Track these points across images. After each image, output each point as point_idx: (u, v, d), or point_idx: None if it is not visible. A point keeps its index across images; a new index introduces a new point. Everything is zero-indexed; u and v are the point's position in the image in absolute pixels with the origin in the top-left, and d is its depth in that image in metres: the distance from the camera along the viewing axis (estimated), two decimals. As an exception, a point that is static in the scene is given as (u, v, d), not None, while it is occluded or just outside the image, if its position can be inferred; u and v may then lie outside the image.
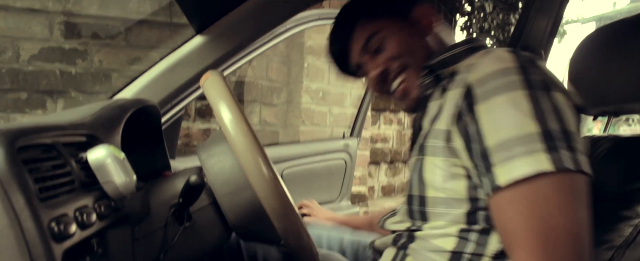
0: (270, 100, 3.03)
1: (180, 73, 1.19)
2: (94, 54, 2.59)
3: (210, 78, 0.82)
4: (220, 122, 0.78)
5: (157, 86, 1.18)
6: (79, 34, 2.56)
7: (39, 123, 0.66)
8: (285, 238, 0.82)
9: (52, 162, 0.63)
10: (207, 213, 0.89)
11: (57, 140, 0.67)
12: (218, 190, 0.88)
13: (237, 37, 1.19)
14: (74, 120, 0.76)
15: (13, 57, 2.45)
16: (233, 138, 0.76)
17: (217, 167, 0.89)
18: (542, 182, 0.67)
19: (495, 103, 0.71)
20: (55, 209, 0.58)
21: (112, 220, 0.70)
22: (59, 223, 0.56)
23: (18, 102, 2.47)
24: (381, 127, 3.65)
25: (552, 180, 0.67)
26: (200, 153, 0.92)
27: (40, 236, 0.53)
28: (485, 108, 0.72)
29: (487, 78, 0.74)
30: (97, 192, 0.68)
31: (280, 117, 3.08)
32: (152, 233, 0.83)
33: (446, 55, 0.92)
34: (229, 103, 0.78)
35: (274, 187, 0.76)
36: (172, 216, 0.85)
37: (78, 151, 0.70)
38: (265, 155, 0.79)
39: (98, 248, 0.70)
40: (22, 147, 0.58)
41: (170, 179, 0.90)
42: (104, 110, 0.84)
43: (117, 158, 0.68)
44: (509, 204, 0.69)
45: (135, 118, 0.91)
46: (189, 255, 0.89)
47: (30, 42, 2.48)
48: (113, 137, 0.79)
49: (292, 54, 3.06)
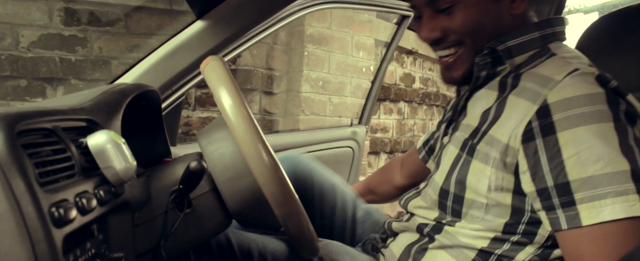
0: (270, 88, 3.02)
1: (181, 59, 1.18)
2: (93, 41, 2.58)
3: (211, 64, 0.82)
4: (220, 108, 0.77)
5: (158, 71, 1.18)
6: (79, 20, 2.54)
7: (38, 108, 0.66)
8: (285, 224, 0.82)
9: (52, 147, 0.63)
10: (207, 200, 0.89)
11: (57, 124, 0.66)
12: (218, 177, 0.87)
13: (238, 22, 1.18)
14: (74, 104, 0.76)
15: (12, 43, 2.44)
16: (233, 124, 0.76)
17: (217, 153, 0.88)
18: (630, 225, 0.62)
19: (581, 134, 0.65)
20: (56, 194, 0.57)
21: (112, 206, 0.70)
22: (59, 208, 0.56)
23: (17, 89, 2.46)
24: (381, 117, 3.64)
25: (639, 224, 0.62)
26: (200, 140, 0.92)
27: (40, 221, 0.53)
28: (570, 138, 0.66)
29: (571, 102, 0.67)
30: (97, 177, 0.67)
31: (280, 106, 3.08)
32: (153, 219, 0.83)
33: (515, 42, 0.83)
34: (229, 88, 0.78)
35: (275, 173, 0.76)
36: (173, 203, 0.85)
37: (78, 136, 0.69)
38: (266, 141, 0.78)
39: (98, 233, 0.70)
40: (21, 131, 0.58)
41: (171, 165, 0.90)
42: (104, 95, 0.83)
43: (117, 144, 0.68)
44: (590, 241, 0.65)
45: (136, 104, 0.90)
46: (189, 242, 0.89)
47: (30, 29, 2.46)
48: (113, 122, 0.79)
49: (292, 43, 3.05)
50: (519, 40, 0.83)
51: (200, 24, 1.19)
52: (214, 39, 1.19)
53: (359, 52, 3.19)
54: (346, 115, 3.17)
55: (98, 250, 0.68)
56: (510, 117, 0.75)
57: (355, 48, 3.18)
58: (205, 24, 1.19)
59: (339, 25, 3.08)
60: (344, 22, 3.11)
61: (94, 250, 0.67)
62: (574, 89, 0.69)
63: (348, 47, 3.14)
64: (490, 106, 0.81)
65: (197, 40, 1.18)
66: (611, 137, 0.65)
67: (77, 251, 0.63)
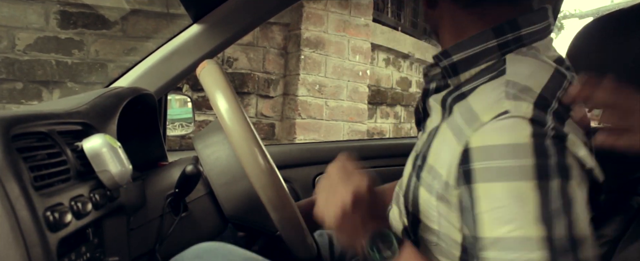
0: (266, 92, 3.02)
1: (177, 62, 1.18)
2: (90, 44, 2.58)
3: (207, 67, 0.82)
4: (216, 111, 0.77)
5: (154, 75, 1.17)
6: (75, 23, 2.54)
7: (34, 112, 0.66)
8: (281, 228, 0.81)
9: (47, 151, 0.63)
10: (203, 204, 0.89)
11: (53, 128, 0.66)
12: (214, 180, 0.87)
13: (234, 26, 1.18)
14: (69, 108, 0.75)
15: (9, 46, 2.44)
16: (229, 128, 0.76)
17: (213, 157, 0.88)
18: None
19: (496, 191, 0.59)
20: (51, 198, 0.57)
21: (107, 210, 0.70)
22: (54, 213, 0.56)
23: (13, 92, 2.45)
24: (378, 121, 3.65)
25: None
26: (196, 143, 0.92)
27: (35, 225, 0.53)
28: (484, 193, 0.60)
29: (492, 152, 0.60)
30: (92, 181, 0.67)
31: (277, 110, 3.08)
32: (148, 223, 0.83)
33: (463, 56, 0.71)
34: (225, 92, 0.78)
35: (270, 177, 0.76)
36: (168, 207, 0.85)
37: (73, 140, 0.69)
38: (262, 145, 0.78)
39: (94, 237, 0.69)
40: (17, 134, 0.58)
41: (166, 169, 0.90)
42: (100, 98, 0.83)
43: (112, 148, 0.68)
44: None
45: (132, 107, 0.90)
46: (185, 245, 0.88)
47: (26, 32, 2.46)
48: (109, 126, 0.79)
49: (288, 46, 3.05)
50: (468, 52, 0.71)
51: (196, 28, 1.19)
52: (210, 43, 1.19)
53: (355, 56, 3.20)
54: (342, 119, 3.17)
55: (93, 254, 0.68)
56: (443, 150, 0.68)
57: (351, 52, 3.18)
58: (202, 27, 1.19)
59: (336, 29, 3.09)
60: (341, 25, 3.11)
61: (89, 253, 0.67)
62: (498, 136, 0.60)
63: (344, 50, 3.15)
64: (437, 125, 0.73)
65: (193, 44, 1.18)
66: (528, 198, 0.58)
67: (72, 255, 0.62)
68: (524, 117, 0.60)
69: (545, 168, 0.58)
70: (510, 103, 0.62)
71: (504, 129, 0.60)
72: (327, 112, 3.11)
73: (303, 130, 2.99)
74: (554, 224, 0.57)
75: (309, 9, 2.97)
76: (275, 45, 3.03)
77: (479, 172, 0.60)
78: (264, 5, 1.17)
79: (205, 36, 1.19)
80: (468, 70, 0.72)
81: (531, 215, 0.57)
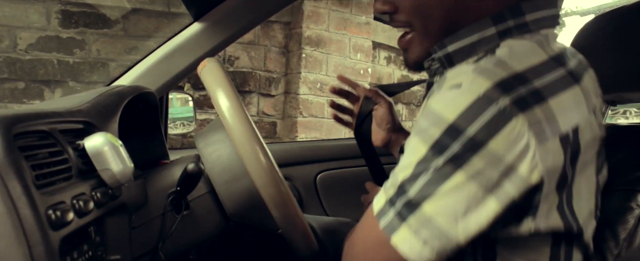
0: (268, 91, 3.02)
1: (178, 61, 1.18)
2: (91, 43, 2.58)
3: (208, 66, 0.82)
4: (217, 110, 0.77)
5: (155, 74, 1.18)
6: (77, 22, 2.54)
7: (35, 110, 0.66)
8: (282, 226, 0.82)
9: (49, 149, 0.63)
10: (204, 202, 0.89)
11: (54, 127, 0.66)
12: (216, 179, 0.87)
13: (235, 24, 1.18)
14: (71, 107, 0.76)
15: (10, 45, 2.44)
16: (230, 126, 0.76)
17: (214, 155, 0.88)
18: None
19: (409, 143, 0.64)
20: (53, 196, 0.57)
21: (109, 208, 0.70)
22: (56, 211, 0.56)
23: (15, 91, 2.46)
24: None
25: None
26: (197, 141, 0.92)
27: (37, 223, 0.53)
28: (407, 144, 0.65)
29: (425, 113, 0.63)
30: (94, 179, 0.67)
31: (278, 108, 3.08)
32: (150, 221, 0.83)
33: (458, 47, 0.69)
34: (226, 90, 0.78)
35: (271, 175, 0.76)
36: (170, 205, 0.85)
37: (75, 138, 0.69)
38: (263, 143, 0.78)
39: (95, 236, 0.69)
40: (18, 133, 0.58)
41: (168, 167, 0.90)
42: (101, 97, 0.83)
43: (114, 146, 0.68)
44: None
45: (133, 106, 0.90)
46: (187, 244, 0.89)
47: (28, 31, 2.46)
48: (110, 124, 0.79)
49: (289, 45, 3.05)
50: (464, 42, 0.69)
51: (197, 26, 1.19)
52: (211, 41, 1.19)
53: (356, 54, 3.20)
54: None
55: (95, 253, 0.68)
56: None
57: (352, 50, 3.18)
58: (203, 26, 1.19)
59: (337, 28, 3.09)
60: (342, 24, 3.11)
61: (91, 252, 0.67)
62: (435, 103, 0.61)
63: (346, 49, 3.15)
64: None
65: (194, 42, 1.18)
66: (419, 152, 0.61)
67: (74, 254, 0.62)
68: (475, 91, 0.58)
69: (443, 147, 0.58)
70: (471, 76, 0.60)
71: (446, 99, 0.60)
72: (328, 111, 3.11)
73: (304, 128, 2.99)
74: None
75: (309, 7, 2.97)
76: (276, 43, 3.03)
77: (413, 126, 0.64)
78: (264, 4, 1.18)
79: (206, 35, 1.19)
80: (465, 60, 0.69)
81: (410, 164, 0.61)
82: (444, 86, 0.62)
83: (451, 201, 0.59)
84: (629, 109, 5.36)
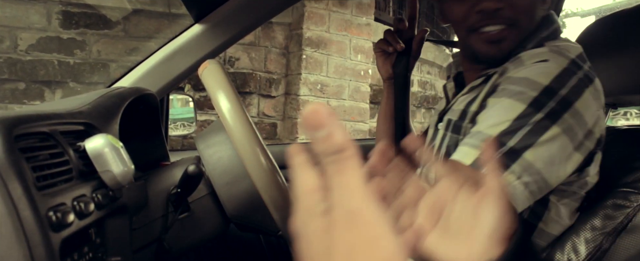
0: (268, 92, 3.02)
1: (179, 62, 1.18)
2: (92, 44, 2.58)
3: (209, 67, 0.82)
4: (218, 111, 0.77)
5: (156, 75, 1.17)
6: (77, 23, 2.54)
7: (36, 112, 0.66)
8: (283, 228, 0.82)
9: (49, 151, 0.62)
10: (205, 203, 0.89)
11: (55, 128, 0.66)
12: (216, 180, 0.87)
13: (236, 26, 1.18)
14: (71, 108, 0.76)
15: (11, 46, 2.44)
16: (231, 127, 0.76)
17: (215, 156, 0.88)
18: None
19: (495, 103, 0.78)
20: (53, 198, 0.57)
21: (110, 210, 0.70)
22: (57, 213, 0.56)
23: (16, 92, 2.46)
24: (380, 119, 3.65)
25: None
26: (198, 143, 0.92)
27: (38, 225, 0.53)
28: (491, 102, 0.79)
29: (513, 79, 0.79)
30: (95, 181, 0.67)
31: (279, 109, 3.08)
32: (150, 223, 0.83)
33: (528, 49, 0.86)
34: (227, 92, 0.78)
35: (272, 177, 0.76)
36: (170, 206, 0.85)
37: (76, 140, 0.69)
38: (264, 145, 0.78)
39: (96, 237, 0.69)
40: (19, 135, 0.58)
41: (168, 169, 0.90)
42: (102, 98, 0.83)
43: (115, 148, 0.68)
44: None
45: (134, 107, 0.90)
46: (187, 245, 0.89)
47: (28, 32, 2.47)
48: (111, 126, 0.79)
49: (290, 46, 3.05)
50: (532, 42, 0.86)
51: (198, 28, 1.19)
52: (212, 43, 1.19)
53: (357, 55, 3.20)
54: (344, 119, 3.17)
55: (96, 254, 0.68)
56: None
57: (353, 51, 3.18)
58: (203, 27, 1.19)
59: (337, 29, 3.09)
60: (342, 25, 3.11)
61: (91, 253, 0.67)
62: (528, 71, 0.78)
63: (346, 50, 3.15)
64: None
65: (195, 44, 1.18)
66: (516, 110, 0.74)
67: (74, 255, 0.62)
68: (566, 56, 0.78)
69: (541, 104, 0.73)
70: (551, 54, 0.79)
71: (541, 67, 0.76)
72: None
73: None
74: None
75: (310, 9, 2.97)
76: (276, 44, 3.03)
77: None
78: (265, 5, 1.17)
79: (207, 36, 1.19)
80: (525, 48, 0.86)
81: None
82: (527, 63, 0.80)
83: (549, 150, 0.71)
84: (630, 110, 5.35)
